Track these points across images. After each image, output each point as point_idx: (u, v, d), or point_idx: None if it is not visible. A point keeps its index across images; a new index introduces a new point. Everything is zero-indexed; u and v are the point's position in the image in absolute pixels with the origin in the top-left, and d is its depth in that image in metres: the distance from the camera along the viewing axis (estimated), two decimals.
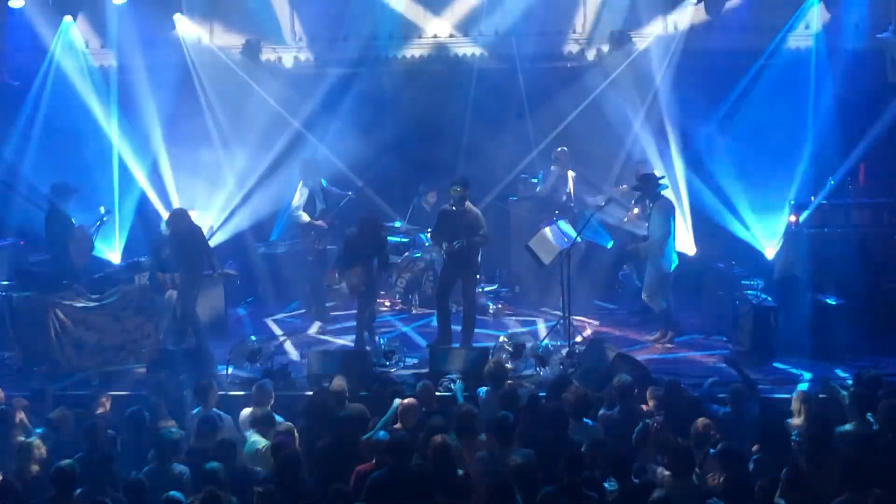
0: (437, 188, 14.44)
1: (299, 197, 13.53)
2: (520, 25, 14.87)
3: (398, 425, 8.77)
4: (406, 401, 9.00)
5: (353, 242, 11.92)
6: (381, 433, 8.45)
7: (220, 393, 10.06)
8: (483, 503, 7.21)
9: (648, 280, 12.25)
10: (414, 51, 15.40)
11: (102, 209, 13.01)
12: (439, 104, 15.24)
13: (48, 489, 7.64)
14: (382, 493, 7.28)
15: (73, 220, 12.28)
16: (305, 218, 13.45)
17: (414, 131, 15.39)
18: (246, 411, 9.37)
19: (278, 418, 9.09)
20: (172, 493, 7.23)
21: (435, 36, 15.33)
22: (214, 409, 9.35)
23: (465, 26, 15.26)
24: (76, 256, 12.24)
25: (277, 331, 13.43)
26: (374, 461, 7.95)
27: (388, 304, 14.44)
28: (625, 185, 14.06)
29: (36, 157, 14.43)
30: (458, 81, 15.22)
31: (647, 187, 12.20)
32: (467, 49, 15.31)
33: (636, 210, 12.90)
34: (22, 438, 8.71)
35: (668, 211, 12.16)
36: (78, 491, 7.61)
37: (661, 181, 12.34)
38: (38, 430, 9.02)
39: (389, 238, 14.35)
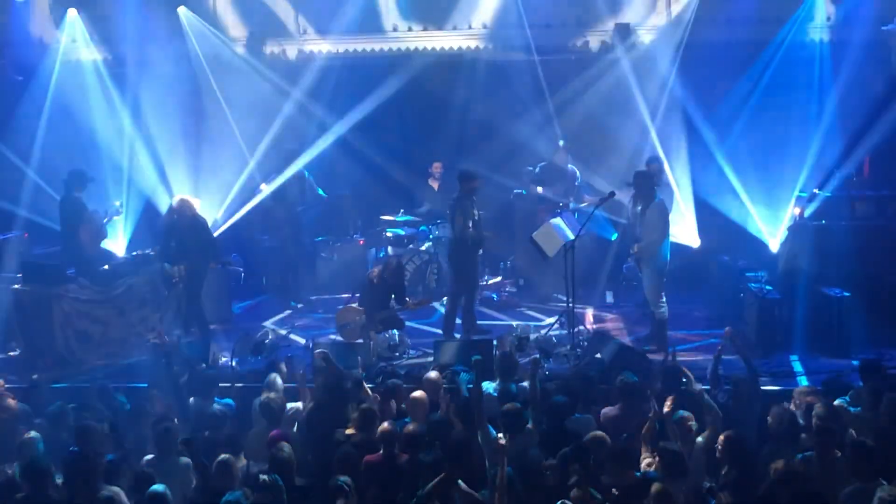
0: (441, 159, 14.84)
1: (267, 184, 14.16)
2: (525, 17, 14.84)
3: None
4: (415, 394, 9.03)
5: (375, 282, 12.05)
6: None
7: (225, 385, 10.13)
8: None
9: (648, 284, 11.92)
10: (419, 43, 15.40)
11: (118, 203, 13.14)
12: (444, 97, 15.22)
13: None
14: (397, 484, 7.31)
15: (87, 206, 12.37)
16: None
17: (419, 124, 15.41)
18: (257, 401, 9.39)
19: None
20: (156, 486, 7.22)
21: (440, 28, 15.33)
22: (218, 399, 9.39)
23: (472, 19, 15.25)
24: (87, 241, 12.28)
25: (282, 323, 13.45)
26: (381, 452, 8.01)
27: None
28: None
29: (40, 151, 14.43)
30: (463, 74, 15.19)
31: (642, 186, 11.87)
32: (473, 42, 15.29)
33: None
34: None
35: (665, 213, 11.91)
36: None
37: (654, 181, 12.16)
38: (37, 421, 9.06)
39: (395, 231, 14.45)
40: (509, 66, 15.04)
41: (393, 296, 12.07)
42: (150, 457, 8.20)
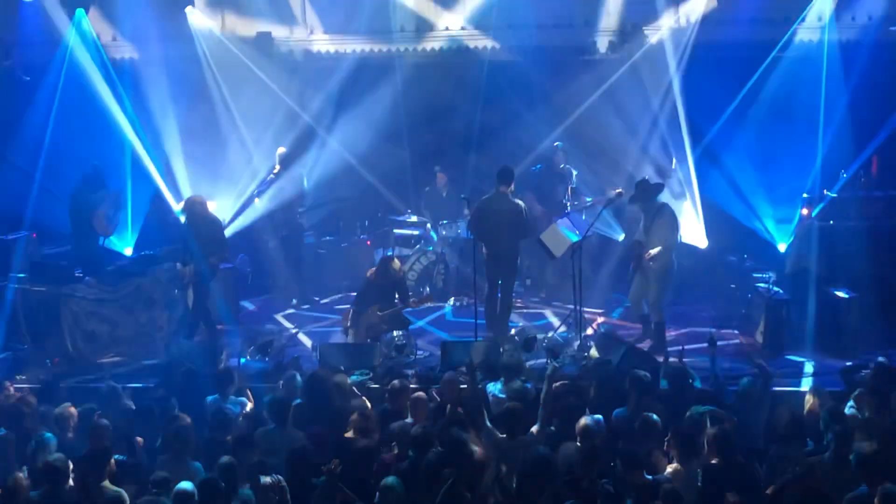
0: (445, 160, 14.94)
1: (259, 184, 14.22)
2: (532, 18, 14.85)
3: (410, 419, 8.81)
4: (416, 394, 9.07)
5: (372, 282, 12.02)
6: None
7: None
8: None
9: (655, 287, 11.75)
10: (426, 44, 15.43)
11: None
12: (452, 97, 15.21)
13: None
14: (406, 483, 7.35)
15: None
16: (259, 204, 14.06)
17: (426, 124, 15.41)
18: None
19: None
20: (183, 483, 7.22)
21: (447, 28, 15.35)
22: (232, 397, 9.42)
23: (478, 19, 15.25)
24: (102, 227, 12.40)
25: (288, 323, 13.46)
26: (396, 452, 8.05)
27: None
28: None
29: (49, 151, 14.45)
30: (470, 74, 15.20)
31: (647, 195, 11.79)
32: (480, 42, 15.29)
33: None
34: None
35: (675, 217, 11.88)
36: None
37: (658, 186, 12.09)
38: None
39: (402, 231, 14.46)
40: (516, 66, 15.01)
41: (396, 295, 12.05)
42: (162, 458, 8.23)
